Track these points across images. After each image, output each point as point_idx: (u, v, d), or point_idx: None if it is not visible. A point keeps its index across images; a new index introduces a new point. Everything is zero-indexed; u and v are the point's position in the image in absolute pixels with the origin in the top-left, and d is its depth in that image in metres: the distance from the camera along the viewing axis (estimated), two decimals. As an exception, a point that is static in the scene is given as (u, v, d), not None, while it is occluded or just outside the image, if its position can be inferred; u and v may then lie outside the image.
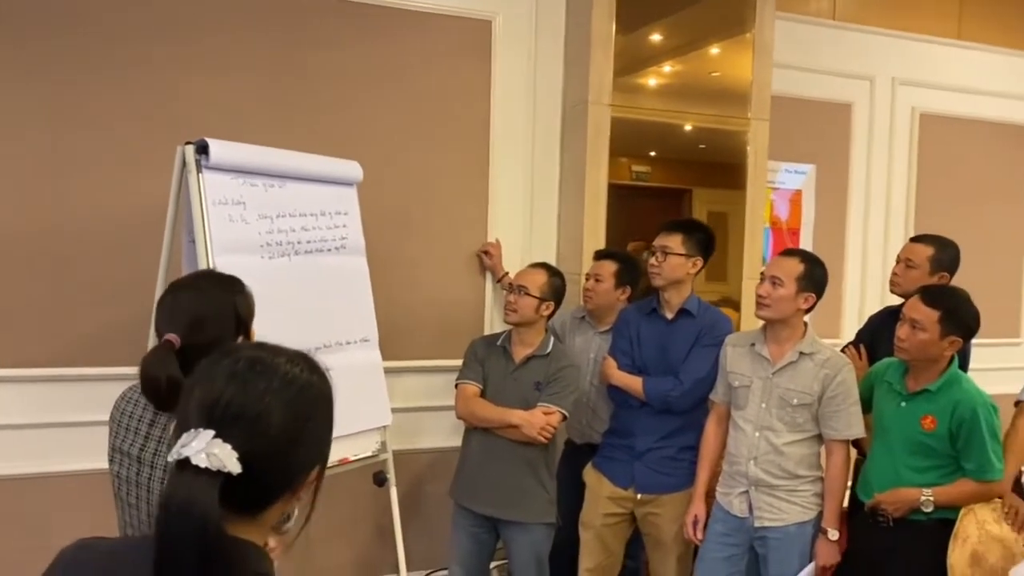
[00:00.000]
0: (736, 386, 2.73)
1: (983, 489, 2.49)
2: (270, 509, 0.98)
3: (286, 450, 0.97)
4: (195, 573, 0.88)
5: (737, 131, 3.84)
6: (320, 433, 1.01)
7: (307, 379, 1.01)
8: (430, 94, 3.45)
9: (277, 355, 1.01)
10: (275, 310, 1.94)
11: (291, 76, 3.21)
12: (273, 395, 0.96)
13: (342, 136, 3.23)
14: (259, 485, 0.94)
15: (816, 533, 2.64)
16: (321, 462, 1.02)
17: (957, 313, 2.53)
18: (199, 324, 1.71)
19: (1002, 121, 5.14)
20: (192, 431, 0.92)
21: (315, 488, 1.02)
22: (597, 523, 2.95)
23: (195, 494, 0.89)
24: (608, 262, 3.18)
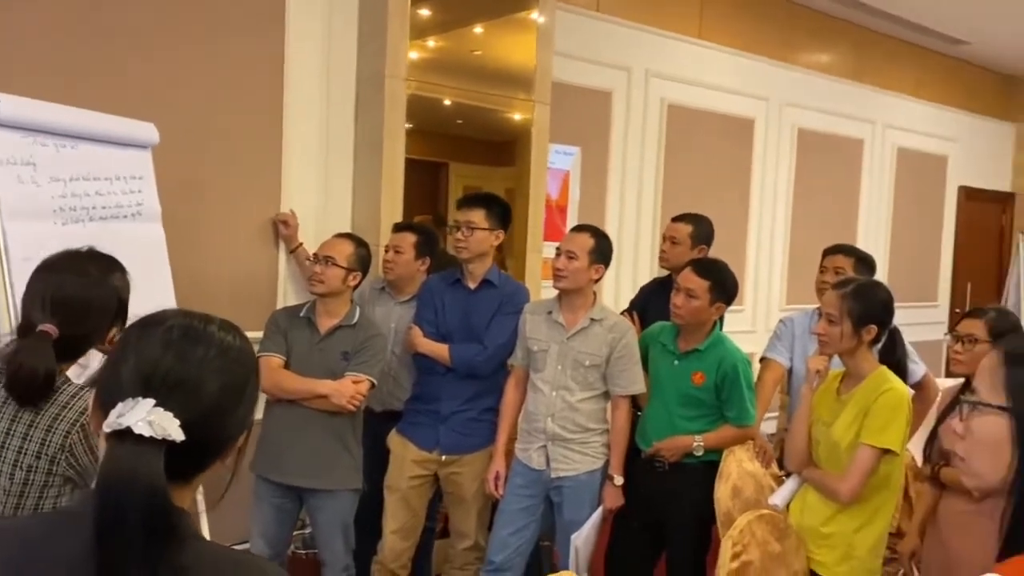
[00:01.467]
0: (535, 351, 2.94)
1: (741, 433, 2.91)
2: (202, 474, 0.99)
3: (224, 416, 0.97)
4: (142, 544, 0.87)
5: (504, 110, 4.03)
6: (253, 398, 1.03)
7: (240, 346, 1.02)
8: (225, 60, 3.31)
9: (208, 323, 1.01)
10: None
11: (86, 31, 2.94)
12: (211, 363, 0.97)
13: (136, 97, 3.01)
14: (197, 452, 0.95)
15: (604, 480, 2.94)
16: (249, 427, 1.04)
17: (724, 283, 2.92)
18: (81, 313, 1.58)
19: (732, 115, 5.86)
20: (130, 401, 0.91)
21: (239, 451, 1.04)
22: (403, 486, 3.05)
23: (139, 464, 0.88)
24: (408, 234, 3.26)
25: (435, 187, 4.13)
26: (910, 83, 7.11)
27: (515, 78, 4.04)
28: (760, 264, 6.17)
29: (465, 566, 3.12)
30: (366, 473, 3.05)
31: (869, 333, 2.35)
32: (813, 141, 6.41)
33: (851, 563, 2.29)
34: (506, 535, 2.94)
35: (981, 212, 7.95)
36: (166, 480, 0.89)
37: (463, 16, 3.96)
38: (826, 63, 6.49)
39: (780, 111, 6.18)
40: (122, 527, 0.87)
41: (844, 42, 6.60)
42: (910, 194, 7.24)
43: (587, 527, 2.88)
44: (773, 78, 6.07)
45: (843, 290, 2.39)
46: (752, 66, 5.94)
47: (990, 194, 8.05)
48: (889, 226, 7.13)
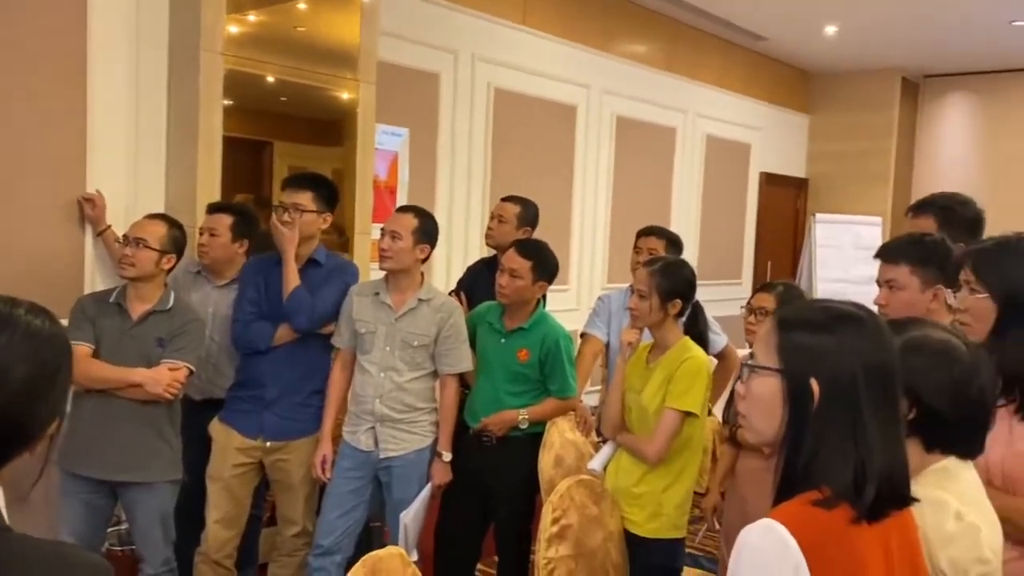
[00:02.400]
0: (362, 332, 2.94)
1: (563, 405, 3.05)
2: (9, 463, 0.94)
3: (31, 404, 0.94)
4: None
5: (330, 89, 3.97)
6: (64, 383, 0.99)
7: (50, 330, 0.98)
8: (19, 27, 3.04)
9: (14, 306, 0.96)
10: None
11: None
12: (16, 347, 0.92)
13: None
14: (3, 441, 0.91)
15: (432, 457, 2.99)
16: (61, 415, 1.00)
17: (545, 263, 3.04)
18: None
19: (556, 101, 6.05)
20: None
21: (51, 440, 0.99)
22: (226, 475, 2.96)
23: None
24: (223, 215, 3.14)
25: (258, 167, 4.00)
26: (717, 75, 7.61)
27: (340, 56, 3.98)
28: (584, 245, 6.43)
29: (293, 552, 3.08)
30: (188, 463, 2.95)
31: (675, 307, 2.53)
32: (630, 128, 6.74)
33: (660, 520, 2.47)
34: (334, 518, 2.93)
35: (779, 196, 8.66)
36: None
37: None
38: (642, 53, 6.83)
39: (600, 98, 6.45)
40: None
41: (658, 34, 6.97)
42: (718, 179, 7.77)
43: (415, 504, 2.93)
44: (594, 66, 6.32)
45: (652, 268, 2.56)
46: (574, 54, 6.15)
47: (787, 180, 8.77)
48: (699, 208, 7.62)
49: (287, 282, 2.91)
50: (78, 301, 2.80)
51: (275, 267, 3.02)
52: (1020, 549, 1.72)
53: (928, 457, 1.46)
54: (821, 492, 1.20)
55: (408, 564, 1.90)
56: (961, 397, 1.43)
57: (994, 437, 1.76)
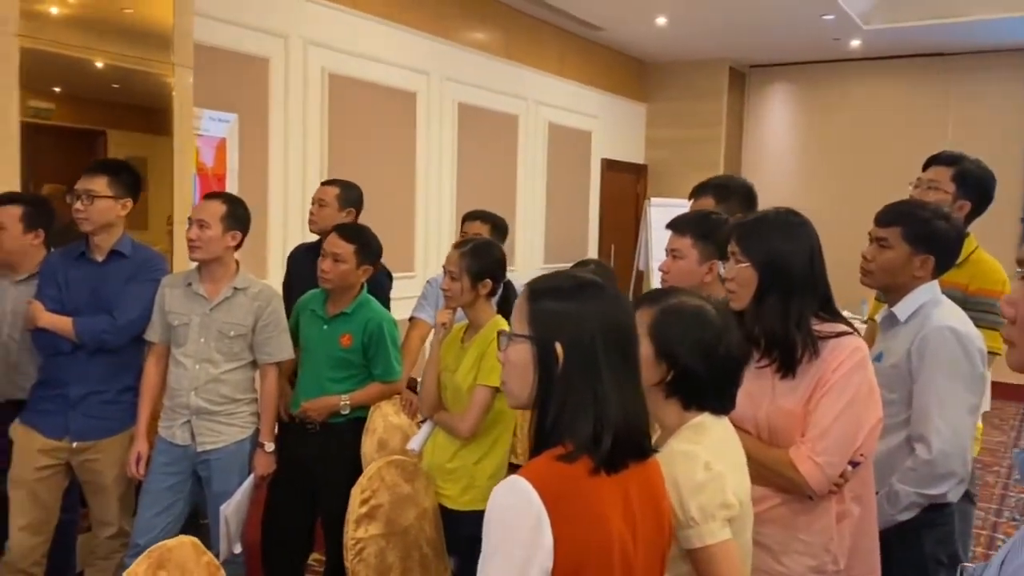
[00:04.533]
0: (175, 324, 2.85)
1: (388, 388, 3.07)
2: None
3: None
4: None
5: (159, 75, 3.84)
6: None
7: None
8: None
9: None
10: None
11: None
12: None
13: None
14: None
15: (254, 448, 2.94)
16: None
17: (368, 246, 3.04)
18: None
19: (395, 87, 6.02)
20: None
21: None
22: (29, 479, 2.81)
23: None
24: (11, 207, 2.96)
25: (91, 157, 3.77)
26: (556, 63, 7.78)
27: (155, 39, 3.81)
28: (429, 232, 6.44)
29: (110, 555, 2.96)
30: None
31: (485, 287, 2.60)
32: (473, 115, 6.80)
33: (473, 492, 2.53)
34: (151, 516, 2.84)
35: (621, 182, 8.98)
36: None
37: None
38: (480, 41, 6.89)
39: (441, 85, 6.46)
40: None
41: (495, 21, 7.05)
42: (561, 165, 7.96)
43: (236, 496, 2.88)
44: (433, 53, 6.33)
45: (462, 249, 2.62)
46: (411, 40, 6.14)
47: (627, 166, 9.10)
48: (544, 194, 7.79)
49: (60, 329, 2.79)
50: None
51: (76, 260, 2.88)
52: (781, 496, 1.88)
53: (686, 415, 1.58)
54: (565, 447, 1.28)
55: (204, 552, 1.87)
56: (712, 357, 1.55)
57: (760, 395, 1.92)
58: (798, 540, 1.84)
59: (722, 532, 1.44)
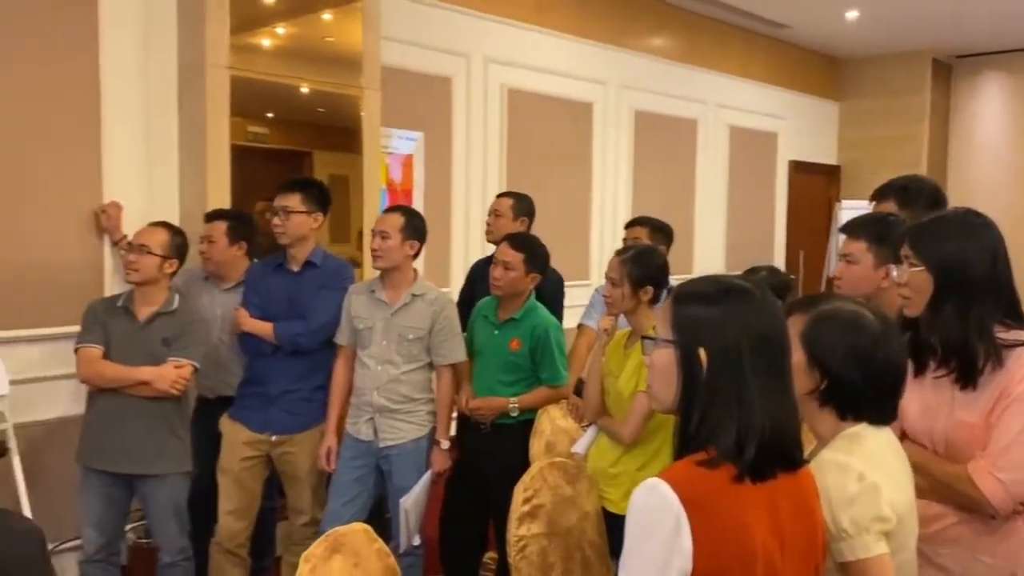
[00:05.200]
0: (360, 328, 3.07)
1: (554, 393, 3.14)
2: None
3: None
4: None
5: (353, 97, 4.15)
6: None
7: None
8: (34, 49, 3.25)
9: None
10: None
11: None
12: None
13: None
14: None
15: (431, 446, 3.10)
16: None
17: (536, 254, 3.13)
18: None
19: (570, 98, 6.11)
20: None
21: None
22: (235, 468, 3.12)
23: None
24: (218, 222, 3.30)
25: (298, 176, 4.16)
26: (739, 64, 7.58)
27: (350, 64, 4.13)
28: (604, 242, 6.47)
29: (304, 541, 3.18)
30: (202, 458, 3.11)
31: (646, 293, 2.60)
32: (650, 122, 6.76)
33: (635, 499, 2.53)
34: (339, 506, 3.06)
35: (811, 185, 8.57)
36: None
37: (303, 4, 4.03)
38: (659, 47, 6.85)
39: (618, 94, 6.49)
40: None
41: (675, 27, 6.98)
42: (744, 169, 7.73)
43: (415, 490, 3.04)
44: (610, 62, 6.37)
45: (622, 256, 2.63)
46: (589, 51, 6.21)
47: (818, 167, 8.68)
48: (725, 200, 7.60)
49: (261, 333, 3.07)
50: (88, 305, 2.98)
51: (275, 271, 3.17)
52: (960, 514, 1.75)
53: (842, 424, 1.51)
54: (708, 452, 1.27)
55: (375, 540, 2.01)
56: (869, 364, 1.48)
57: (937, 407, 1.81)
58: (980, 563, 1.71)
59: (877, 546, 1.37)
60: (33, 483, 3.00)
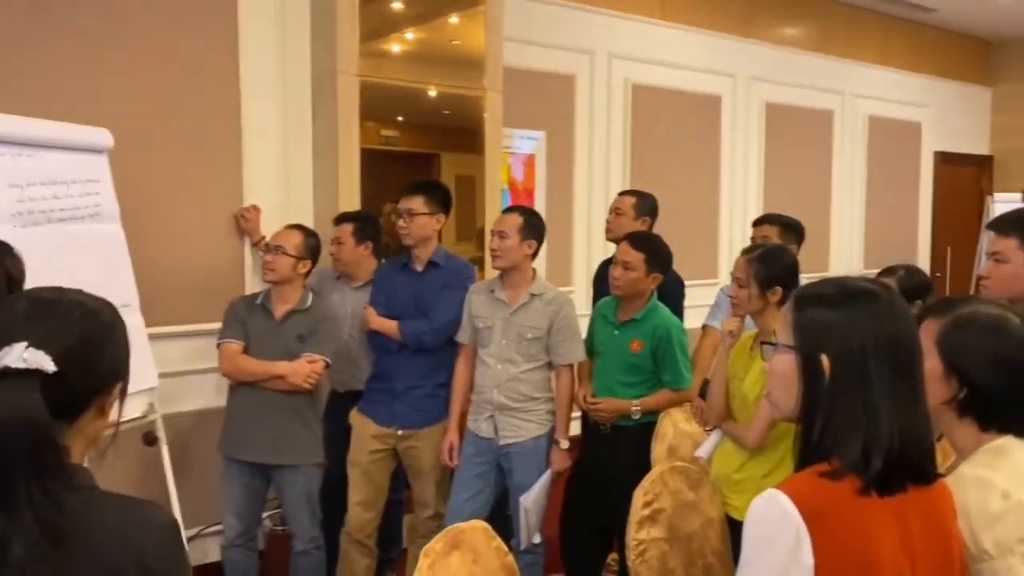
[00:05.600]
0: (480, 327, 3.11)
1: (677, 396, 3.08)
2: (84, 416, 1.13)
3: (91, 356, 1.12)
4: (29, 468, 1.01)
5: (476, 98, 4.21)
6: (117, 348, 1.18)
7: (102, 304, 1.18)
8: (178, 60, 3.47)
9: (74, 293, 1.17)
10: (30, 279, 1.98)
11: (36, 42, 3.11)
12: (73, 312, 1.13)
13: (91, 104, 3.17)
14: (70, 388, 1.09)
15: (550, 445, 3.11)
16: (123, 380, 1.19)
17: (658, 253, 3.08)
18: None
19: (696, 92, 5.98)
20: (6, 348, 1.06)
21: (120, 405, 1.20)
22: (364, 460, 3.23)
23: (18, 395, 1.03)
24: (346, 224, 3.43)
25: (426, 177, 4.27)
26: (877, 52, 7.20)
27: (474, 66, 4.19)
28: (733, 239, 6.30)
29: (428, 534, 3.25)
30: (333, 450, 3.25)
31: (775, 294, 2.50)
32: (782, 114, 6.53)
33: (760, 507, 2.44)
34: (462, 501, 3.12)
35: (959, 176, 8.04)
36: (47, 412, 1.03)
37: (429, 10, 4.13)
38: (791, 36, 6.60)
39: (747, 87, 6.30)
40: (10, 451, 1.00)
41: (808, 15, 6.71)
42: (884, 161, 7.35)
43: (535, 489, 3.06)
44: (738, 54, 6.20)
45: (749, 255, 2.55)
46: (716, 43, 6.06)
47: (967, 158, 8.13)
48: (864, 194, 7.24)
49: (387, 330, 3.17)
50: (230, 304, 3.16)
51: (400, 271, 3.26)
52: None
53: (984, 436, 1.41)
54: (831, 464, 1.22)
55: (493, 538, 2.03)
56: (1015, 371, 1.37)
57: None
58: None
59: (1022, 569, 1.27)
60: (179, 471, 3.21)
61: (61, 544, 1.02)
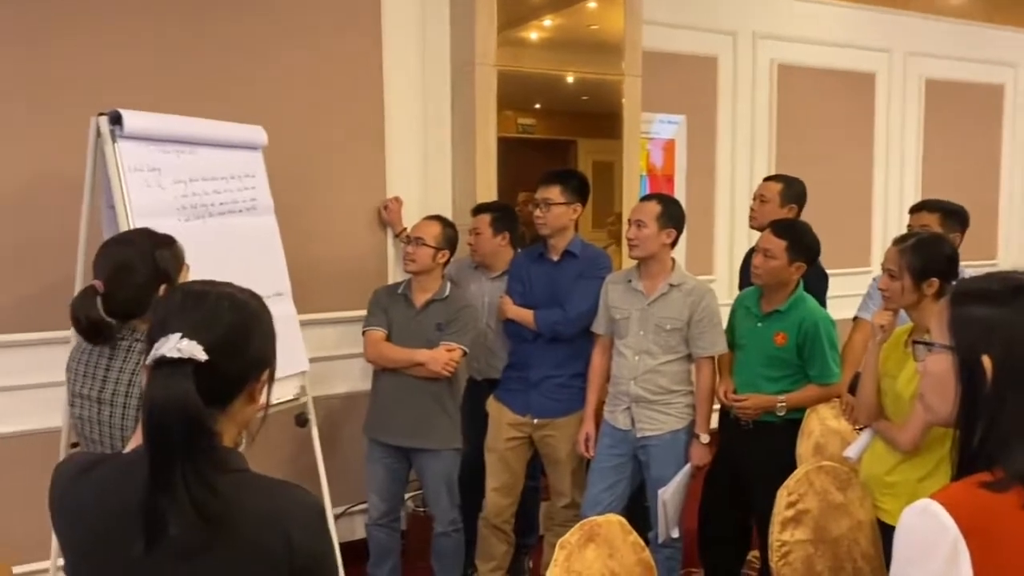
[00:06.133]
0: (617, 318, 3.08)
1: (825, 392, 2.94)
2: (235, 402, 1.20)
3: (240, 345, 1.19)
4: (183, 451, 1.08)
5: (615, 83, 4.16)
6: (264, 337, 1.24)
7: (248, 296, 1.25)
8: (326, 60, 3.61)
9: (225, 286, 1.24)
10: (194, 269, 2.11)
11: (194, 45, 3.31)
12: (222, 303, 1.19)
13: (246, 103, 3.36)
14: (222, 376, 1.16)
15: (690, 438, 3.05)
16: (270, 366, 1.25)
17: (801, 241, 2.95)
18: (120, 271, 1.93)
19: (848, 70, 5.67)
20: (163, 338, 1.13)
21: (268, 391, 1.26)
22: (500, 447, 3.27)
23: (173, 382, 1.10)
24: (483, 215, 3.46)
25: (563, 164, 4.29)
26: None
27: (612, 51, 4.14)
28: (888, 225, 5.94)
29: (565, 523, 3.28)
30: (471, 437, 3.32)
31: (931, 287, 2.33)
32: (944, 91, 6.09)
33: (915, 512, 2.30)
34: (598, 492, 3.11)
35: None
36: (199, 399, 1.10)
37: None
38: (953, 6, 6.12)
39: (904, 62, 5.92)
40: (166, 442, 1.07)
41: (974, -18, 6.21)
42: (1065, 139, 6.71)
43: (674, 483, 3.01)
44: (894, 28, 5.82)
45: (902, 245, 2.39)
46: (869, 17, 5.71)
47: None
48: (1038, 176, 6.66)
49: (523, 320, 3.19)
50: (374, 293, 3.28)
51: (536, 261, 3.27)
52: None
53: None
54: (993, 474, 1.12)
55: (630, 532, 2.01)
56: None
57: None
58: None
59: None
60: (329, 451, 3.36)
61: (213, 523, 1.09)
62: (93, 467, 1.21)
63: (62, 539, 1.19)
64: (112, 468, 1.20)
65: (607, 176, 4.23)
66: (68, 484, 1.20)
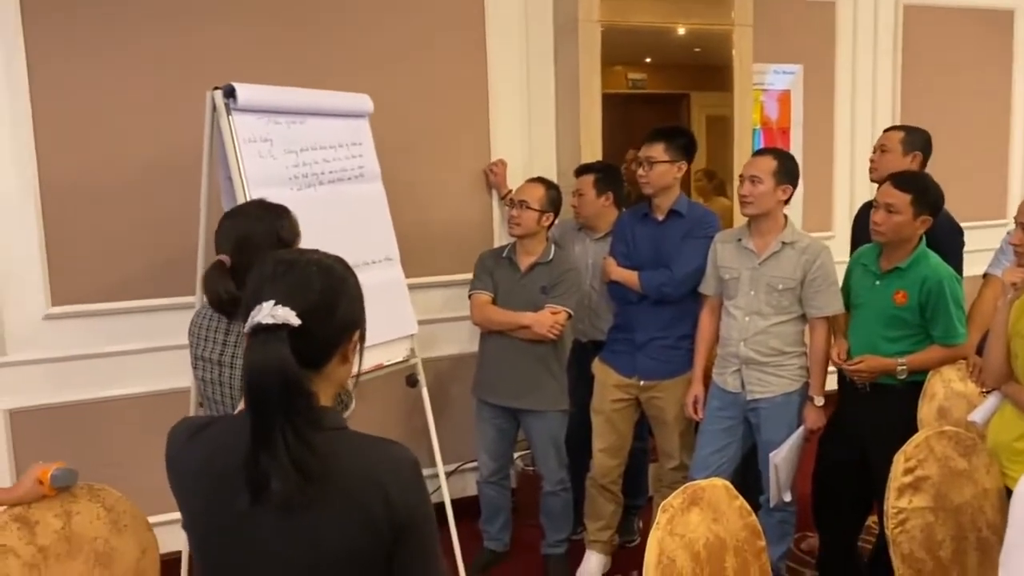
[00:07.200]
0: (727, 278, 3.01)
1: (949, 353, 2.78)
2: (329, 364, 1.25)
3: (330, 309, 1.23)
4: (283, 411, 1.14)
5: (726, 34, 4.00)
6: (353, 299, 1.28)
7: (334, 260, 1.29)
8: (429, 26, 3.63)
9: (313, 253, 1.29)
10: (306, 236, 2.18)
11: (301, 18, 3.40)
12: (311, 269, 1.24)
13: (352, 71, 3.43)
14: (315, 339, 1.21)
15: (803, 401, 2.96)
16: (360, 328, 1.29)
17: (926, 194, 2.77)
18: (244, 244, 2.01)
19: (983, 7, 5.25)
20: (257, 307, 1.18)
21: (360, 351, 1.30)
22: (607, 408, 3.27)
23: (270, 347, 1.15)
24: (586, 176, 3.42)
25: (675, 119, 4.20)
26: None
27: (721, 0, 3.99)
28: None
29: (673, 484, 3.23)
30: (578, 398, 3.33)
31: (1069, 241, 2.16)
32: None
33: (1048, 482, 2.16)
34: (707, 454, 3.07)
35: None
36: (295, 361, 1.15)
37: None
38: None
39: (1050, -5, 5.44)
40: (267, 403, 1.13)
41: None
42: None
43: (786, 446, 2.94)
44: (1037, -42, 5.35)
45: (1038, 195, 2.21)
46: (1009, -53, 5.27)
47: None
48: None
49: (627, 281, 3.15)
50: (479, 256, 3.32)
51: (640, 220, 3.22)
52: None
53: None
54: None
55: (736, 497, 1.98)
56: None
57: None
58: None
59: None
60: (439, 411, 3.45)
61: (312, 480, 1.14)
62: (203, 428, 1.29)
63: (177, 495, 1.28)
64: (220, 429, 1.27)
65: (721, 130, 4.10)
66: (181, 445, 1.29)
